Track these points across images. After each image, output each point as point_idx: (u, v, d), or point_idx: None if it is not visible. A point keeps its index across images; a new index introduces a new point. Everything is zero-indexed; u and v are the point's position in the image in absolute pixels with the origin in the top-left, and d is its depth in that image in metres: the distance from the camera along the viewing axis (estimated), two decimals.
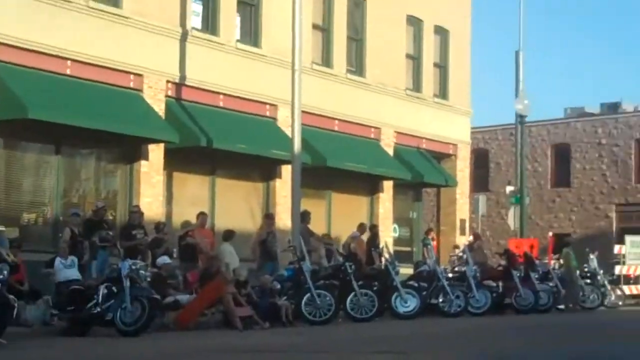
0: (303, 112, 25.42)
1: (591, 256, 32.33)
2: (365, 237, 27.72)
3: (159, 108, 25.27)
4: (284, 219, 26.74)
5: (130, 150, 24.92)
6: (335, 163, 29.86)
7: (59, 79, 23.04)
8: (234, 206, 27.97)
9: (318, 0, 30.98)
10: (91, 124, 22.65)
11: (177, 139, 24.67)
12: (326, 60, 31.24)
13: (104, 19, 23.98)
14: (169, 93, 25.75)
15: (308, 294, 20.94)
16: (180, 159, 25.95)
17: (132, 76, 24.77)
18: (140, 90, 24.96)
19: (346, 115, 31.47)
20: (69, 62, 23.21)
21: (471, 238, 32.12)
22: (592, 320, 24.28)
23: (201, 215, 23.66)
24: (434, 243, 31.34)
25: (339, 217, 30.86)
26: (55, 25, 22.74)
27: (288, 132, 26.25)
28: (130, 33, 24.60)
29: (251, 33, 28.50)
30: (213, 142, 25.64)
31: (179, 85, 25.98)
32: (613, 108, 63.62)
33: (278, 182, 28.75)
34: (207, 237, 23.55)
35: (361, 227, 27.64)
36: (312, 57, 30.26)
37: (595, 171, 56.27)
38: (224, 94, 27.20)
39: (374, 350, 14.12)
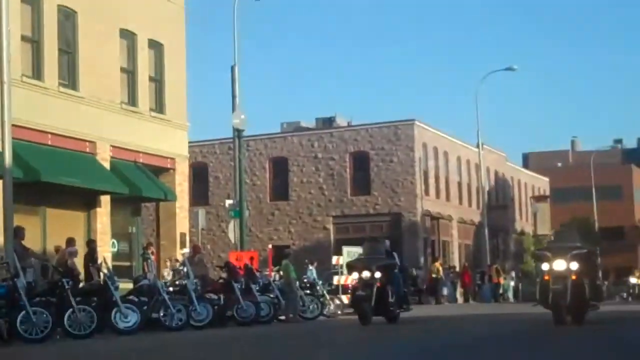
0: (14, 126, 24.49)
1: (310, 267, 32.87)
2: (82, 253, 27.01)
3: None
4: None
5: None
6: (49, 178, 28.93)
7: None
8: None
9: (27, 10, 29.90)
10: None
11: None
12: (37, 73, 30.24)
13: None
14: None
15: (23, 312, 20.10)
16: None
17: None
18: None
19: (60, 129, 30.58)
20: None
21: (187, 250, 31.84)
22: (311, 330, 24.50)
23: None
24: (154, 257, 30.98)
25: (55, 233, 29.89)
26: None
27: None
28: None
29: None
30: None
31: None
32: (328, 122, 65.34)
33: None
34: None
35: (70, 242, 26.81)
36: (22, 69, 29.20)
37: (312, 184, 57.52)
38: None
39: None
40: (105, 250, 31.17)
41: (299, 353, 15.30)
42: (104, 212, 32.60)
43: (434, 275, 50.18)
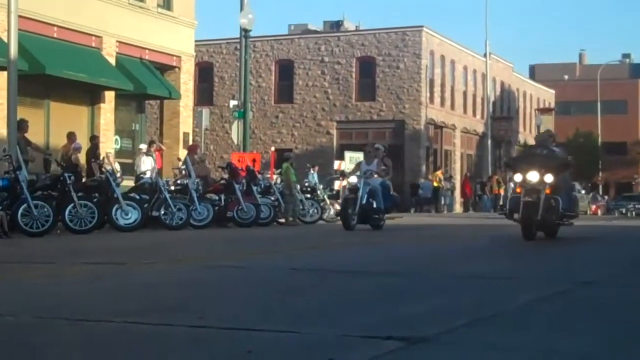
0: (20, 17, 24.25)
1: (311, 171, 32.92)
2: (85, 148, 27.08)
3: None
4: None
5: None
6: (54, 71, 28.84)
7: None
8: None
9: None
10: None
11: None
12: None
13: None
14: None
15: (24, 205, 20.22)
16: None
17: None
18: None
19: (66, 22, 30.40)
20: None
21: (143, 145, 31.00)
22: (309, 232, 24.67)
23: None
24: (157, 155, 31.05)
25: (59, 127, 29.88)
26: None
27: (4, 37, 25.05)
28: None
29: None
30: None
31: None
32: (335, 26, 64.88)
33: None
34: None
35: (71, 137, 26.78)
36: None
37: (317, 88, 57.34)
38: None
39: (93, 261, 13.71)
40: (109, 146, 31.24)
41: (295, 251, 15.44)
42: (108, 107, 32.57)
43: (434, 185, 50.36)
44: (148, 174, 25.81)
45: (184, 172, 26.94)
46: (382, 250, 17.06)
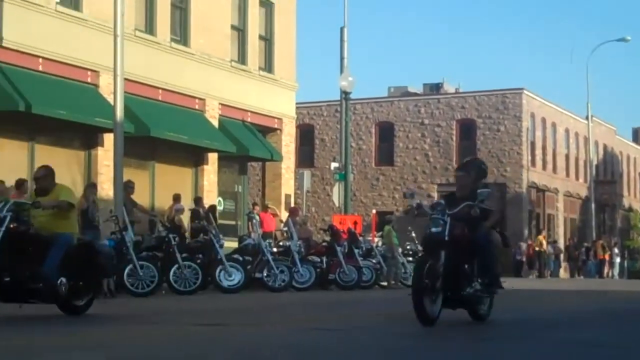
0: (126, 80, 24.56)
1: (413, 234, 32.60)
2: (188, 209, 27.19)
3: None
4: (106, 189, 25.93)
5: None
6: (159, 133, 29.12)
7: None
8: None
9: None
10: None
11: None
12: (149, 27, 30.41)
13: None
14: None
15: (130, 265, 20.33)
16: None
17: None
18: None
19: (170, 84, 30.75)
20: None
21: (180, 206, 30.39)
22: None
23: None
24: (270, 216, 31.05)
25: (163, 188, 30.11)
26: None
27: (110, 99, 25.40)
28: None
29: None
30: (32, 106, 24.60)
31: None
32: (435, 88, 64.62)
33: (100, 151, 27.86)
34: None
35: (177, 199, 26.93)
36: (135, 23, 29.41)
37: (418, 150, 57.13)
38: (44, 58, 26.13)
39: (197, 322, 13.62)
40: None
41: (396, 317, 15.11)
42: (211, 169, 32.77)
43: (537, 249, 49.58)
44: (254, 236, 25.79)
45: (286, 234, 26.92)
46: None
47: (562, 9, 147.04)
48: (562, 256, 54.64)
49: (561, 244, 58.47)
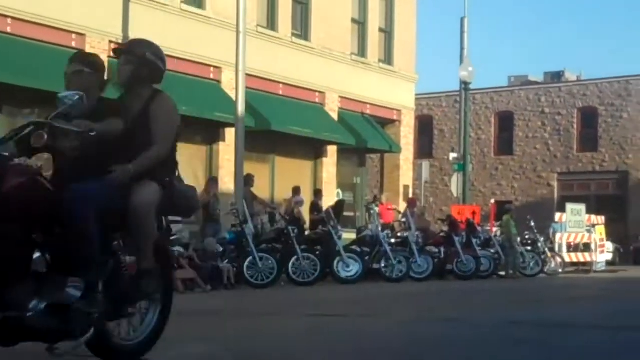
0: (247, 75, 25.21)
1: (532, 224, 32.58)
2: (308, 201, 27.71)
3: None
4: (227, 183, 26.57)
5: None
6: (279, 127, 29.70)
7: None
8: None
9: None
10: (34, 83, 22.17)
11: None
12: (271, 23, 31.02)
13: None
14: (112, 54, 25.33)
15: (250, 258, 20.89)
16: None
17: (74, 35, 24.40)
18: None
19: (291, 79, 31.30)
20: (9, 20, 22.82)
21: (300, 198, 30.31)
22: (530, 286, 24.46)
23: None
24: (390, 208, 31.40)
25: (283, 181, 30.72)
26: None
27: (232, 95, 26.07)
28: None
29: None
30: None
31: None
32: (556, 77, 64.16)
33: (222, 145, 28.56)
34: None
35: (296, 191, 27.44)
36: (257, 20, 30.06)
37: (538, 139, 56.74)
38: (168, 56, 26.62)
39: (317, 313, 14.08)
40: (331, 199, 31.81)
41: (528, 307, 15.37)
42: (330, 162, 33.25)
43: None
44: (370, 227, 26.13)
45: (404, 224, 27.21)
46: (609, 303, 16.76)
47: None
48: None
49: None
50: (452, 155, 37.95)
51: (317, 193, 28.61)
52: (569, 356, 9.02)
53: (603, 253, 36.81)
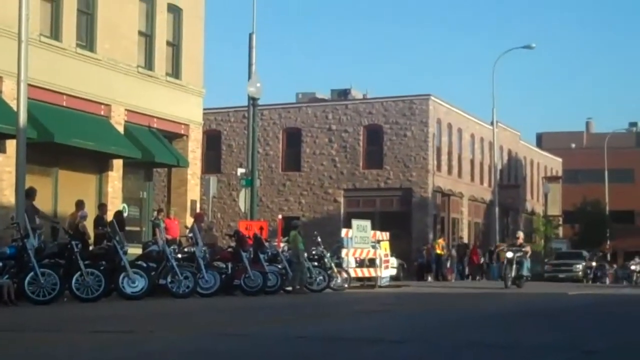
0: (30, 85, 24.42)
1: (319, 239, 32.82)
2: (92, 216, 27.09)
3: None
4: (7, 195, 25.73)
5: None
6: (62, 139, 28.94)
7: None
8: None
9: None
10: None
11: None
12: (55, 33, 30.23)
13: None
14: None
15: (32, 273, 20.19)
16: None
17: None
18: None
19: (75, 90, 30.60)
20: None
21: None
22: (317, 301, 24.60)
23: None
24: (175, 222, 31.09)
25: (67, 195, 29.94)
26: None
27: (13, 105, 25.23)
28: None
29: None
30: None
31: None
32: (343, 94, 65.13)
33: (2, 157, 27.61)
34: None
35: (80, 205, 26.82)
36: (40, 29, 29.23)
37: (325, 156, 57.50)
38: None
39: (100, 329, 13.66)
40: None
41: (312, 321, 15.38)
42: (116, 175, 32.66)
43: (437, 252, 50.16)
44: (159, 242, 25.73)
45: (191, 240, 26.92)
46: (391, 318, 16.97)
47: (465, 19, 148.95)
48: (466, 259, 55.35)
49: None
50: (240, 171, 37.85)
51: (102, 207, 28.05)
52: None
53: (387, 268, 37.42)
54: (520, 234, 40.10)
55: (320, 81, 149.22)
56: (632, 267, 60.21)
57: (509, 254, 35.37)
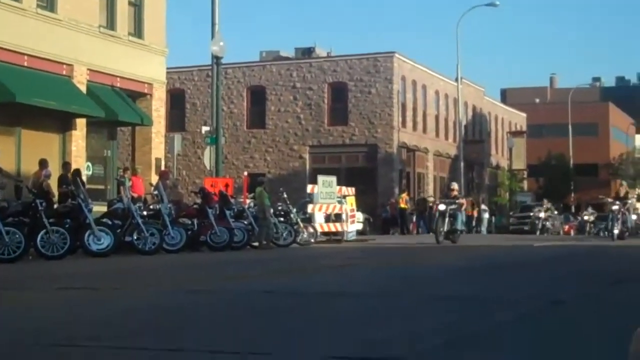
0: None
1: (284, 195, 32.92)
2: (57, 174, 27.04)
3: None
4: None
5: None
6: (24, 99, 28.84)
7: None
8: None
9: None
10: None
11: None
12: None
13: None
14: None
15: None
16: None
17: None
18: None
19: (37, 51, 30.45)
20: None
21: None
22: (283, 256, 24.72)
23: None
24: (140, 180, 31.05)
25: (30, 154, 29.86)
26: None
27: None
28: None
29: None
30: None
31: None
32: (307, 53, 65.11)
33: None
34: None
35: (43, 164, 26.75)
36: None
37: (289, 114, 57.57)
38: None
39: (66, 286, 13.71)
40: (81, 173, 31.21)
41: (281, 277, 15.50)
42: (79, 134, 32.59)
43: (402, 206, 50.42)
44: (124, 200, 25.73)
45: (156, 197, 26.92)
46: (357, 273, 17.13)
47: None
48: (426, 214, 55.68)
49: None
50: (205, 129, 37.82)
51: (66, 166, 27.98)
52: (320, 320, 9.11)
53: (354, 223, 37.63)
54: (455, 185, 35.21)
55: (284, 40, 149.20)
56: (585, 218, 60.35)
57: (442, 207, 31.80)
